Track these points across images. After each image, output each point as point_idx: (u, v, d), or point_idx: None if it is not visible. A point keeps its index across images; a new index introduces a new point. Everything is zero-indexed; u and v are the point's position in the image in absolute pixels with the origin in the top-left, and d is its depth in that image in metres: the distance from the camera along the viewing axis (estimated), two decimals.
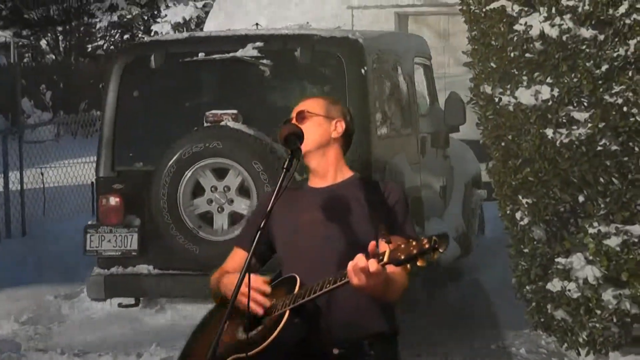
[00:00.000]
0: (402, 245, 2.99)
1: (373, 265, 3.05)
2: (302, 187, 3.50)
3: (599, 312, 5.95)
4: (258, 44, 6.61)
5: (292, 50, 6.56)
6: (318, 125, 3.47)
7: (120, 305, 6.85)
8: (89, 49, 28.24)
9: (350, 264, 3.10)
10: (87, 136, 19.18)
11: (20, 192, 10.46)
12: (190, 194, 6.32)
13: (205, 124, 6.39)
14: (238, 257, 3.54)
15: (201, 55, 6.66)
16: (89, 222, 6.81)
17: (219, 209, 6.30)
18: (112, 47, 29.83)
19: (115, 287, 6.59)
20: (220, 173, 6.31)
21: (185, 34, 7.15)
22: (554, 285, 6.03)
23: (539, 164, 5.92)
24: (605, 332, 5.98)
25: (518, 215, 6.09)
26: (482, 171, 8.90)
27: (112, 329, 6.75)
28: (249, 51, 6.59)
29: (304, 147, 3.38)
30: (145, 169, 6.55)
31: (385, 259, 3.02)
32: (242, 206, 6.22)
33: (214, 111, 6.41)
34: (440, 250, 2.92)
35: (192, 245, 6.28)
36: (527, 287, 6.18)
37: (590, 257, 5.88)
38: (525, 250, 6.13)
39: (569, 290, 5.97)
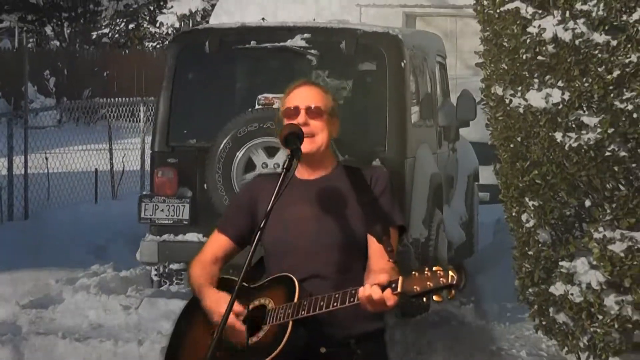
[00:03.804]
0: (417, 274, 2.96)
1: (390, 300, 3.04)
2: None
3: (600, 317, 5.95)
4: (306, 35, 7.14)
5: (338, 42, 7.10)
6: (327, 123, 3.41)
7: (167, 269, 7.35)
8: (94, 37, 28.23)
9: (363, 295, 3.08)
10: (89, 124, 19.20)
11: (24, 176, 10.47)
12: (242, 169, 6.81)
13: (257, 106, 6.84)
14: (219, 243, 3.50)
15: (253, 43, 7.17)
16: (144, 193, 7.43)
17: None
18: (117, 35, 29.83)
19: (167, 253, 7.12)
20: (271, 151, 6.80)
21: (237, 23, 7.81)
22: (557, 288, 6.03)
23: (546, 167, 5.93)
24: (606, 337, 5.98)
25: (524, 217, 6.09)
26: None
27: (114, 315, 6.75)
28: (297, 41, 7.13)
29: (314, 145, 3.34)
30: (198, 145, 7.09)
31: (399, 289, 3.00)
32: None
33: (265, 94, 6.84)
34: (459, 288, 2.87)
35: None
36: (530, 290, 6.18)
37: (594, 262, 5.89)
38: (530, 253, 6.13)
39: (572, 294, 5.98)
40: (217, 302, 3.31)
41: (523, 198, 6.06)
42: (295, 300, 3.20)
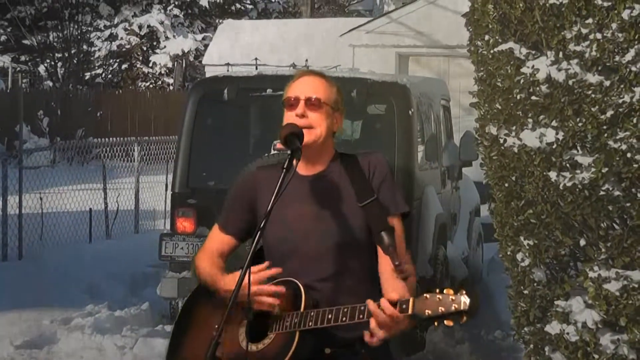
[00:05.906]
0: (428, 297, 2.90)
1: (402, 324, 3.00)
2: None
3: (596, 356, 5.95)
4: None
5: (349, 91, 7.37)
6: (328, 116, 3.33)
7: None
8: (87, 77, 28.33)
9: (373, 322, 3.03)
10: (83, 163, 19.18)
11: (18, 216, 10.45)
12: None
13: (272, 152, 7.06)
14: (222, 240, 3.52)
15: (269, 91, 7.46)
16: (164, 232, 7.70)
17: None
18: (110, 75, 29.94)
19: (187, 289, 7.22)
20: None
21: (254, 72, 8.17)
22: (553, 327, 6.03)
23: (541, 206, 5.95)
24: None
25: (519, 256, 6.11)
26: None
27: (109, 355, 6.72)
28: None
29: (312, 137, 3.27)
30: (217, 187, 7.35)
31: (410, 311, 2.95)
32: None
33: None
34: (472, 314, 2.80)
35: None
36: (526, 329, 6.18)
37: (590, 301, 5.90)
38: (525, 292, 6.14)
39: (568, 334, 5.98)
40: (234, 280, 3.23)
41: (518, 237, 6.08)
42: (302, 307, 3.16)
